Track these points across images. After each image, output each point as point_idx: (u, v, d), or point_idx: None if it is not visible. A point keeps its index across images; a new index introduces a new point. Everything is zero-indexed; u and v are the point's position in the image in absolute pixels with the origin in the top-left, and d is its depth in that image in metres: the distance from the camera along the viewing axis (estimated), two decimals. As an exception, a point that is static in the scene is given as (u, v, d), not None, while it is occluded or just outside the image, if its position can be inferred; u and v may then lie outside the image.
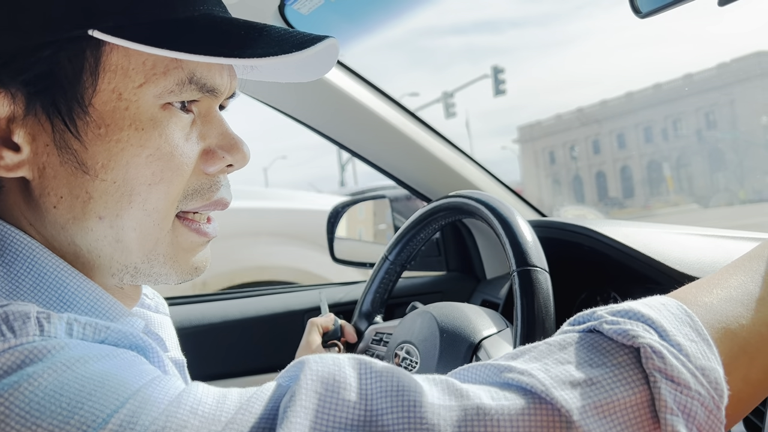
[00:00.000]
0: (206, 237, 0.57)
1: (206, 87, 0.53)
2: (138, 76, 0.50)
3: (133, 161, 0.50)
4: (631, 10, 0.64)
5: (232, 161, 0.56)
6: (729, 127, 44.95)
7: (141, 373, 0.40)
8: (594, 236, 1.01)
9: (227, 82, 0.56)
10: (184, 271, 0.56)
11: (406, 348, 0.93)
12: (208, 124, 0.56)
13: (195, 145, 0.54)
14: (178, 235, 0.55)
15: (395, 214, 1.56)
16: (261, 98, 1.22)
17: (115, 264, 0.53)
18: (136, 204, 0.51)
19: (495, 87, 18.97)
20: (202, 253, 0.58)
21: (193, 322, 1.34)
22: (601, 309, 0.45)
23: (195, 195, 0.55)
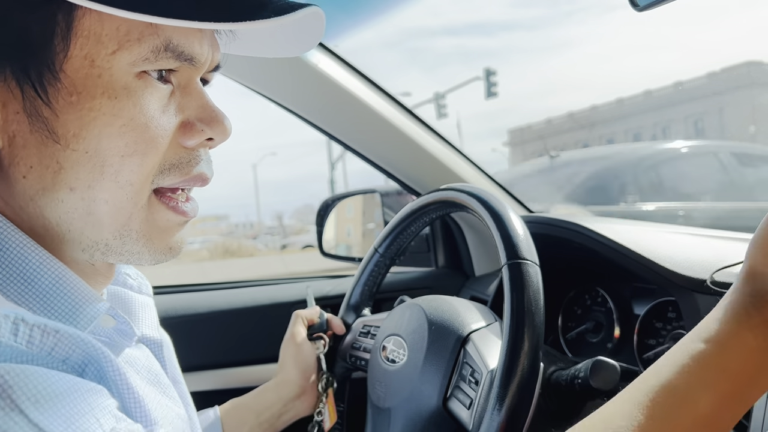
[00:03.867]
0: (184, 216, 0.55)
1: (184, 55, 0.51)
2: (111, 42, 0.47)
3: (105, 131, 0.48)
4: (629, 3, 0.64)
5: (212, 134, 0.54)
6: (717, 135, 45.31)
7: (92, 427, 0.40)
8: (584, 232, 1.01)
9: (207, 51, 0.53)
10: (157, 251, 0.54)
11: (393, 340, 0.92)
12: (188, 96, 0.53)
13: (172, 117, 0.52)
14: (154, 212, 0.53)
15: (386, 209, 1.55)
16: (252, 86, 1.21)
17: (85, 239, 0.51)
18: (109, 176, 0.49)
19: (487, 89, 18.99)
20: (179, 233, 0.56)
21: (179, 312, 1.33)
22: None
23: (173, 169, 0.52)
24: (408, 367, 0.87)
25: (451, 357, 0.83)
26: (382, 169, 1.37)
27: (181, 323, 1.32)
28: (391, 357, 0.91)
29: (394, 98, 1.29)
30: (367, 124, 1.27)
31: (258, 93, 1.23)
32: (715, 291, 0.82)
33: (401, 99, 1.31)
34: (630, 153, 5.20)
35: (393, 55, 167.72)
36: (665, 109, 47.32)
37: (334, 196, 1.62)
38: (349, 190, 1.65)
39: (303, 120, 1.29)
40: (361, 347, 1.01)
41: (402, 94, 31.91)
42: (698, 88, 45.79)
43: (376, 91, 1.26)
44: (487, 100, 19.80)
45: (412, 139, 1.30)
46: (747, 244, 0.51)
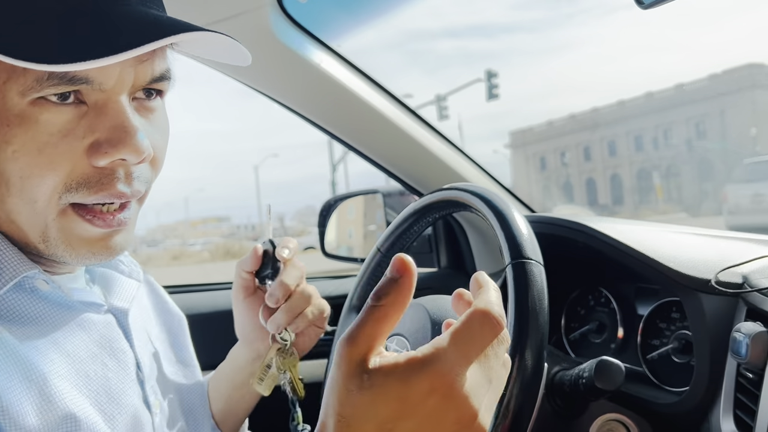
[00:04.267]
0: (103, 229, 0.57)
1: (76, 79, 0.52)
2: (2, 74, 0.51)
3: (1, 155, 0.52)
4: (634, 0, 0.64)
5: (119, 156, 0.54)
6: (719, 137, 45.28)
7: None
8: (588, 232, 1.00)
9: (114, 72, 0.54)
10: (80, 256, 0.58)
11: (396, 340, 0.92)
12: (101, 117, 0.54)
13: (78, 140, 0.54)
14: (70, 222, 0.56)
15: (388, 210, 1.55)
16: (255, 85, 1.21)
17: (18, 241, 0.57)
18: (14, 193, 0.54)
19: (488, 91, 19.00)
20: (109, 241, 0.58)
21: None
22: None
23: (80, 188, 0.54)
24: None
25: (455, 357, 0.83)
26: (384, 169, 1.37)
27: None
28: (394, 357, 0.91)
29: (396, 98, 1.29)
30: (370, 123, 1.27)
31: (261, 93, 1.23)
32: (720, 291, 0.82)
33: (403, 100, 1.31)
34: None
35: (394, 56, 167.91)
36: (667, 111, 47.30)
37: (336, 197, 1.62)
38: (351, 191, 1.64)
39: (306, 120, 1.29)
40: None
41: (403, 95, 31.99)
42: (700, 90, 45.78)
43: (379, 91, 1.26)
44: (488, 101, 19.81)
45: (414, 139, 1.30)
46: (752, 244, 0.51)
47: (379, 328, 0.40)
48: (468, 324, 0.42)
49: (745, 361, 0.73)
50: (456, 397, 0.39)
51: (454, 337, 0.41)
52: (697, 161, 46.57)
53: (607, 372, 0.76)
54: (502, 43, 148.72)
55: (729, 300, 0.82)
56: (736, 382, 0.78)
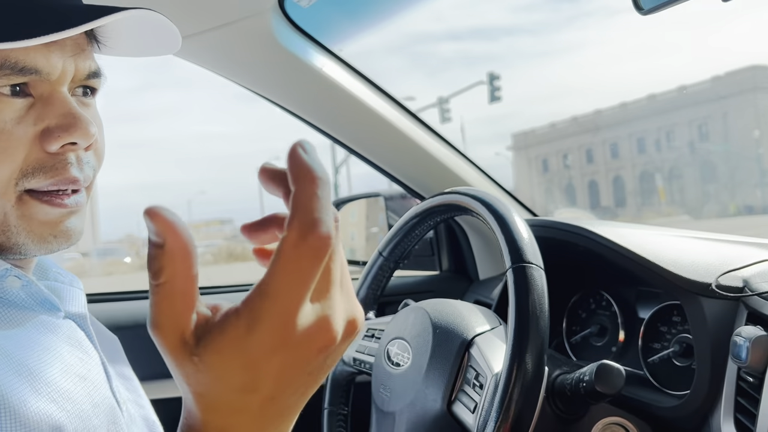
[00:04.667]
0: (62, 208, 0.59)
1: (27, 69, 0.55)
2: None
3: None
4: (634, 6, 0.64)
5: (71, 139, 0.58)
6: (721, 139, 45.22)
7: None
8: (589, 236, 1.00)
9: (60, 64, 0.57)
10: (41, 240, 0.59)
11: (398, 344, 0.92)
12: (49, 106, 0.57)
13: (30, 127, 0.57)
14: (29, 208, 0.58)
15: (389, 213, 1.55)
16: (256, 89, 1.22)
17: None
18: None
19: (490, 93, 19.00)
20: (65, 223, 0.60)
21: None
22: None
23: (36, 173, 0.57)
24: (412, 370, 0.87)
25: (456, 361, 0.83)
26: (386, 173, 1.38)
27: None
28: (396, 360, 0.91)
29: (398, 102, 1.29)
30: (371, 127, 1.27)
31: (262, 97, 1.24)
32: (720, 295, 0.82)
33: (405, 103, 1.31)
34: None
35: (397, 59, 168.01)
36: (669, 113, 47.26)
37: (338, 200, 1.62)
38: (353, 194, 1.65)
39: (307, 124, 1.29)
40: (366, 350, 1.01)
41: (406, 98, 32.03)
42: (702, 92, 45.73)
43: (380, 95, 1.26)
44: (490, 104, 19.81)
45: (416, 143, 1.30)
46: (753, 248, 0.51)
47: (176, 305, 0.35)
48: (282, 259, 0.35)
49: (745, 365, 0.73)
50: (302, 339, 0.36)
51: (270, 279, 0.35)
52: (700, 163, 46.51)
53: (608, 375, 0.76)
54: (504, 46, 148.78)
55: (730, 304, 0.83)
56: (737, 386, 0.78)
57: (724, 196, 43.77)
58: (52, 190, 0.59)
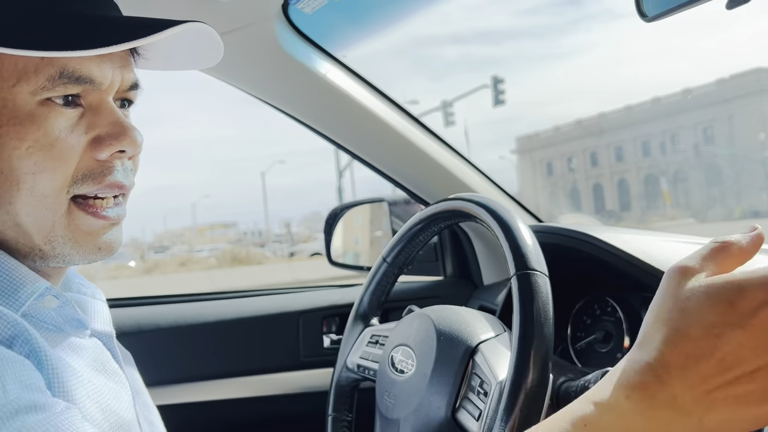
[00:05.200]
0: (106, 220, 0.61)
1: (82, 79, 0.57)
2: (11, 76, 0.55)
3: (14, 153, 0.55)
4: (637, 13, 0.64)
5: (121, 147, 0.60)
6: (726, 142, 45.09)
7: (17, 390, 0.46)
8: (593, 242, 1.00)
9: (110, 73, 0.60)
10: (86, 252, 0.61)
11: (402, 350, 0.92)
12: (99, 115, 0.60)
13: (82, 136, 0.59)
14: (75, 218, 0.60)
15: (393, 218, 1.55)
16: (261, 96, 1.22)
17: (21, 246, 0.59)
18: (25, 191, 0.56)
19: (494, 97, 19.00)
20: (107, 234, 0.62)
21: (188, 321, 1.33)
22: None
23: (86, 179, 0.59)
24: (416, 377, 0.87)
25: (460, 368, 0.83)
26: (390, 179, 1.38)
27: (188, 332, 1.33)
28: (400, 367, 0.91)
29: (401, 108, 1.29)
30: (376, 133, 1.27)
31: (266, 103, 1.24)
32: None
33: (409, 107, 1.31)
34: None
35: (400, 63, 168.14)
36: (674, 116, 47.15)
37: (342, 205, 1.63)
38: (357, 199, 1.65)
39: (312, 130, 1.29)
40: (370, 357, 1.01)
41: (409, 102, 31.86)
42: (707, 95, 45.63)
43: (384, 101, 1.27)
44: (494, 107, 19.81)
45: (420, 149, 1.30)
46: (758, 254, 0.51)
47: (716, 256, 0.43)
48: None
49: (751, 373, 0.73)
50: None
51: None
52: (705, 166, 46.38)
53: (613, 383, 0.76)
54: (508, 49, 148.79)
55: (735, 310, 0.82)
56: (743, 393, 0.77)
57: (729, 199, 43.62)
58: (98, 195, 0.60)
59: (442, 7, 1.26)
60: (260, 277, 15.28)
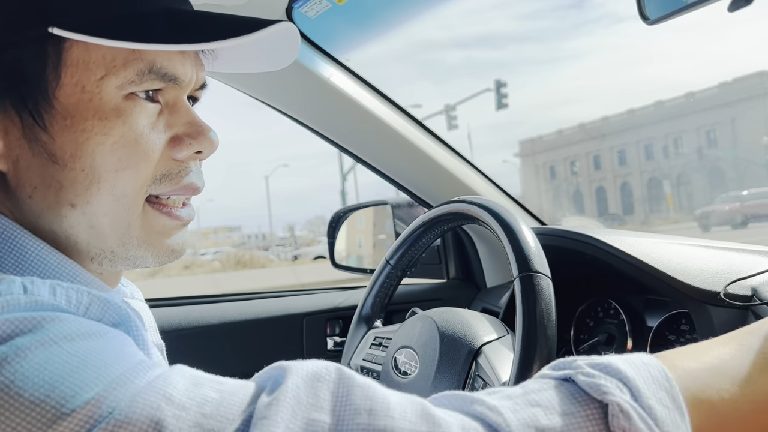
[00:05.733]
0: (179, 220, 0.59)
1: (168, 76, 0.55)
2: (99, 68, 0.52)
3: (98, 149, 0.52)
4: (640, 16, 0.64)
5: (199, 147, 0.58)
6: (730, 145, 45.02)
7: (125, 356, 0.41)
8: (596, 245, 1.00)
9: (191, 71, 0.58)
10: (160, 254, 0.59)
11: (405, 352, 0.92)
12: (176, 114, 0.58)
13: (162, 134, 0.56)
14: (149, 218, 0.57)
15: (397, 221, 1.56)
16: (265, 99, 1.23)
17: (92, 249, 0.55)
18: (105, 190, 0.53)
19: (497, 100, 19.01)
20: (177, 236, 0.60)
21: (192, 323, 1.34)
22: (582, 359, 0.45)
23: (164, 179, 0.57)
24: (420, 379, 0.88)
25: (463, 369, 0.83)
26: (394, 182, 1.38)
27: (193, 335, 1.33)
28: (403, 369, 0.91)
29: (405, 111, 1.30)
30: (379, 136, 1.28)
31: (270, 106, 1.25)
32: (729, 303, 0.82)
33: (412, 111, 1.32)
34: None
35: (403, 67, 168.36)
36: (677, 119, 47.11)
37: (345, 208, 1.63)
38: (361, 202, 1.65)
39: (315, 133, 1.30)
40: (373, 359, 1.01)
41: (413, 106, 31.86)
42: (710, 98, 45.58)
43: (388, 105, 1.27)
44: (497, 111, 19.82)
45: (423, 152, 1.31)
46: (761, 257, 0.52)
47: None
48: None
49: (754, 374, 0.73)
50: None
51: None
52: (708, 170, 46.29)
53: (616, 385, 0.76)
54: (510, 53, 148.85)
55: (738, 312, 0.82)
56: (746, 395, 0.77)
57: (732, 202, 43.47)
58: (171, 197, 0.59)
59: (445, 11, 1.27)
60: (264, 281, 15.28)
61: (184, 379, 0.41)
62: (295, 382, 0.40)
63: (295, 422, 0.38)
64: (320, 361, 0.43)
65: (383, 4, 1.23)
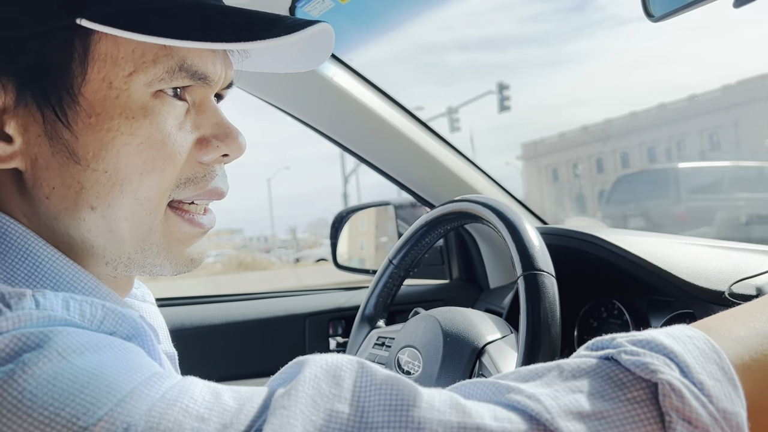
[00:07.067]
0: (201, 228, 0.56)
1: (198, 74, 0.52)
2: (128, 64, 0.49)
3: (123, 150, 0.49)
4: (644, 13, 0.64)
5: (227, 150, 0.55)
6: (733, 149, 44.94)
7: (138, 368, 0.39)
8: (600, 244, 1.00)
9: (221, 70, 0.55)
10: (178, 263, 0.56)
11: (408, 352, 0.92)
12: (203, 114, 0.55)
13: (189, 134, 0.53)
14: (170, 225, 0.54)
15: (399, 222, 1.56)
16: (268, 99, 1.23)
17: (108, 254, 0.52)
18: (128, 193, 0.50)
19: (500, 103, 19.01)
20: (197, 244, 0.57)
21: (194, 323, 1.34)
22: (622, 336, 0.42)
23: (188, 184, 0.54)
24: (423, 378, 0.87)
25: (467, 369, 0.83)
26: (396, 181, 1.38)
27: (196, 334, 1.33)
28: (406, 369, 0.91)
29: (408, 111, 1.30)
30: (382, 136, 1.27)
31: (274, 106, 1.25)
32: (734, 303, 0.81)
33: (414, 112, 1.31)
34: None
35: (406, 69, 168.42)
36: (680, 122, 47.04)
37: (347, 209, 1.63)
38: (363, 203, 1.65)
39: (319, 133, 1.30)
40: (376, 359, 1.01)
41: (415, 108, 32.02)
42: (713, 101, 45.51)
43: (391, 104, 1.27)
44: (500, 113, 19.81)
45: (425, 151, 1.31)
46: (766, 256, 0.51)
47: None
48: None
49: (759, 374, 0.72)
50: None
51: None
52: (711, 173, 46.17)
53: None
54: (513, 56, 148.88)
55: (743, 312, 0.82)
56: (751, 395, 0.77)
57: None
58: (194, 202, 0.56)
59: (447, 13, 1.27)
60: (266, 283, 15.28)
61: (199, 388, 0.39)
62: (314, 372, 0.38)
63: (317, 413, 0.36)
64: (339, 354, 0.41)
65: (386, 4, 1.23)
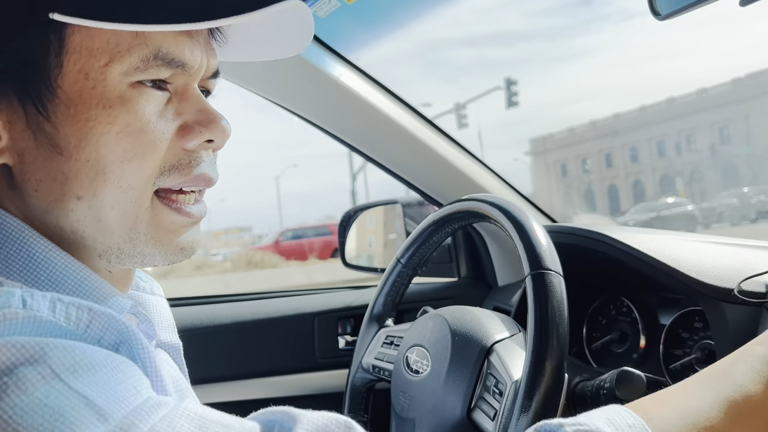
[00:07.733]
0: (189, 217, 0.57)
1: (175, 62, 0.53)
2: (103, 55, 0.50)
3: (103, 139, 0.51)
4: (651, 11, 0.64)
5: (210, 136, 0.56)
6: (743, 142, 44.62)
7: (130, 394, 0.40)
8: (608, 242, 1.00)
9: (200, 57, 0.56)
10: (168, 252, 0.56)
11: (417, 351, 0.92)
12: (185, 102, 0.55)
13: (170, 122, 0.54)
14: (158, 214, 0.55)
15: (407, 220, 1.56)
16: (275, 99, 1.23)
17: (99, 245, 0.54)
18: (111, 182, 0.51)
19: (508, 99, 18.96)
20: (187, 234, 0.58)
21: (204, 323, 1.34)
22: (569, 423, 0.46)
23: (173, 170, 0.55)
24: (432, 377, 0.87)
25: (475, 368, 0.83)
26: (404, 180, 1.38)
27: (206, 334, 1.34)
28: (415, 367, 0.91)
29: (414, 109, 1.30)
30: (389, 135, 1.28)
31: (281, 106, 1.25)
32: (743, 300, 0.81)
33: (422, 110, 1.31)
34: None
35: (413, 66, 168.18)
36: (689, 116, 46.74)
37: (356, 207, 1.63)
38: (371, 202, 1.65)
39: (325, 132, 1.30)
40: (385, 358, 1.01)
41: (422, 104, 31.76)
42: (723, 94, 45.20)
43: (397, 103, 1.27)
44: (507, 109, 19.75)
45: (433, 150, 1.31)
46: None
47: None
48: None
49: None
50: None
51: None
52: (721, 167, 45.90)
53: (629, 382, 0.76)
54: (520, 51, 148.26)
55: (752, 309, 0.82)
56: (761, 393, 0.77)
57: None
58: (182, 189, 0.56)
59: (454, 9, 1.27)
60: (275, 281, 15.31)
61: (188, 422, 0.40)
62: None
63: None
64: (328, 413, 0.42)
65: (392, 3, 1.23)
